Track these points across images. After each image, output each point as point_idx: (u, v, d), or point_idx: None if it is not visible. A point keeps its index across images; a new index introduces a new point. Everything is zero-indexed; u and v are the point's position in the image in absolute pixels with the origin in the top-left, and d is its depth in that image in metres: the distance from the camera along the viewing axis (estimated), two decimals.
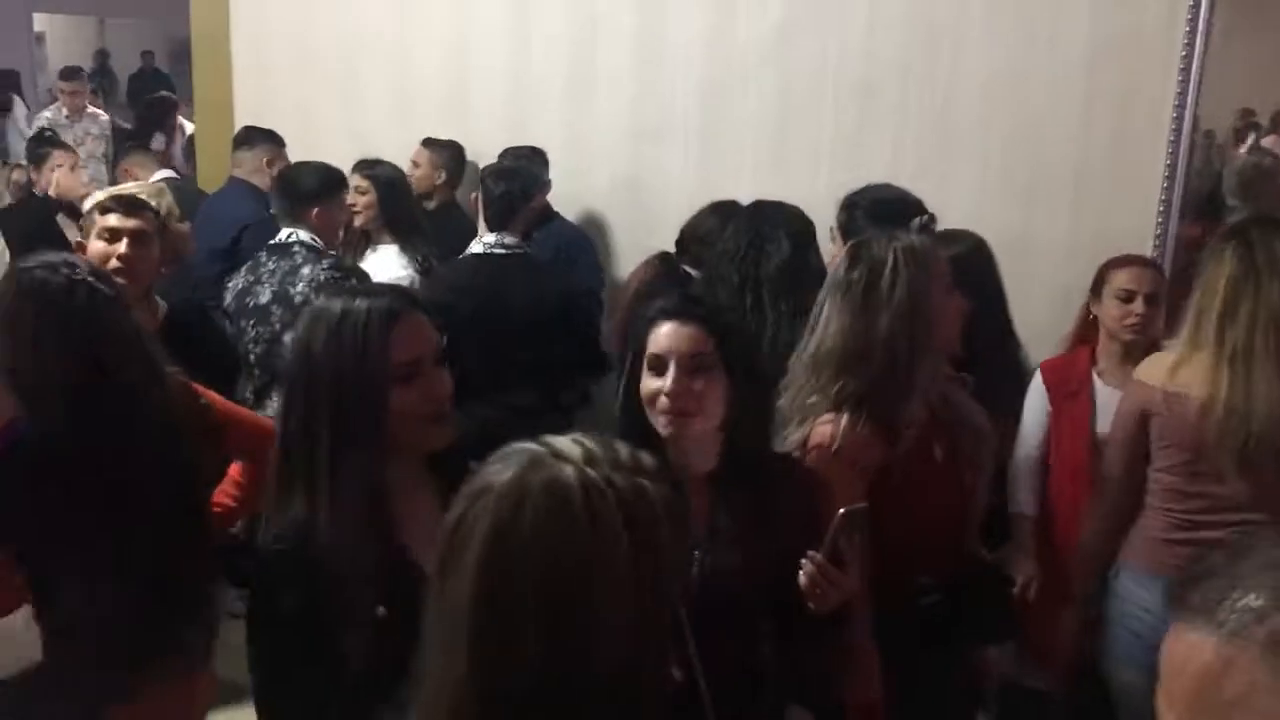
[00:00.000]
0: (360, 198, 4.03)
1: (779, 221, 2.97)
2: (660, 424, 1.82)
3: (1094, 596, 2.63)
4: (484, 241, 3.57)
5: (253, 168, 4.43)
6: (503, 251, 3.54)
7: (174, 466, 2.12)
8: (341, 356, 1.59)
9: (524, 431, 1.13)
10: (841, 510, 1.75)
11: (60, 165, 4.88)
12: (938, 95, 3.80)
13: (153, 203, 2.98)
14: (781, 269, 2.89)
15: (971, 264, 2.73)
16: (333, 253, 3.62)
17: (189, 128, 8.24)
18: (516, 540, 0.99)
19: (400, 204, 4.07)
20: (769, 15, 4.06)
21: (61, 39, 15.26)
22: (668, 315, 1.85)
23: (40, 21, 14.68)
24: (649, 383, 1.84)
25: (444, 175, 4.56)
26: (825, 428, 2.11)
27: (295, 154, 4.47)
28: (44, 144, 5.48)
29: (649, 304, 1.99)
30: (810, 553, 1.75)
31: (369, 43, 4.83)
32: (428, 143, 4.58)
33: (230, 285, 3.56)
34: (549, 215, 4.19)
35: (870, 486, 2.05)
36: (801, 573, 1.76)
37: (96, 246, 2.76)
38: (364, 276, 3.55)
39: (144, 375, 2.09)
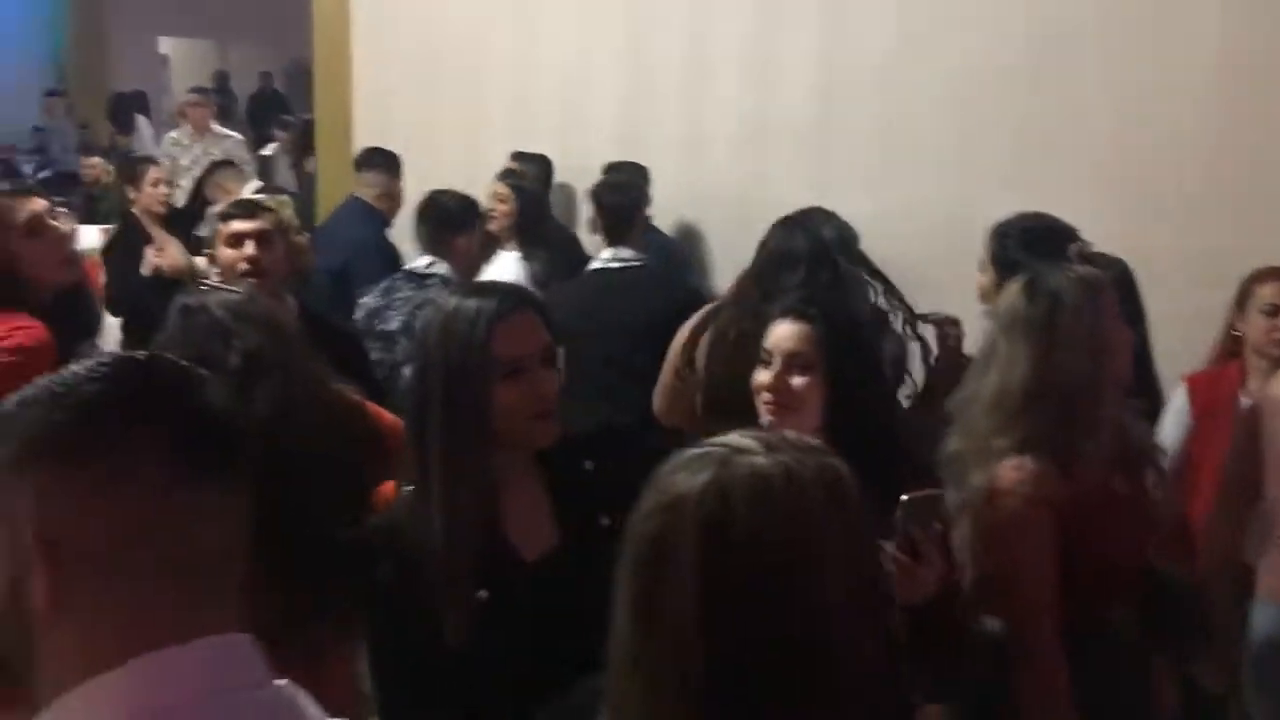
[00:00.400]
0: (500, 205, 4.10)
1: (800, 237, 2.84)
2: (762, 414, 1.96)
3: (1232, 628, 2.55)
4: (602, 256, 3.62)
5: (374, 189, 4.54)
6: (622, 265, 3.58)
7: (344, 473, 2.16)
8: (450, 350, 1.66)
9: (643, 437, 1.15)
10: (903, 497, 1.71)
11: (157, 181, 4.89)
12: (1059, 109, 3.71)
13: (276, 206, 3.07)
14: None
15: (1121, 289, 2.65)
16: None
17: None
18: (733, 535, 0.99)
19: (536, 216, 4.15)
20: (885, 26, 4.02)
21: (185, 61, 15.88)
22: (786, 312, 1.99)
23: (165, 45, 15.31)
24: (759, 375, 1.97)
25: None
26: (1012, 472, 2.03)
27: (414, 174, 4.57)
28: (138, 160, 5.51)
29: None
30: (884, 546, 1.72)
31: (489, 63, 4.93)
32: (517, 157, 4.66)
33: (362, 302, 3.62)
34: (647, 228, 4.22)
35: (1058, 526, 2.01)
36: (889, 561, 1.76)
37: (225, 254, 2.84)
38: None
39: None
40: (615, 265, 3.58)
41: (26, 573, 0.81)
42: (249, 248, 2.79)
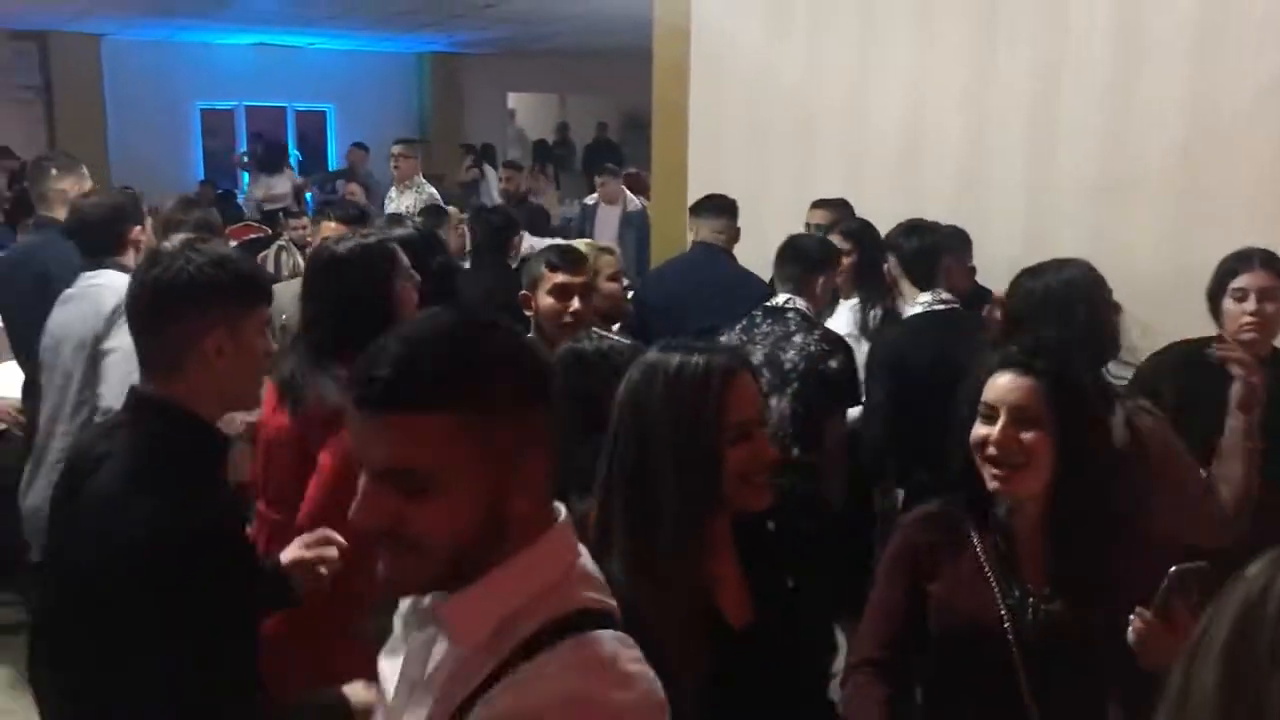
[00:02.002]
0: (844, 259, 4.11)
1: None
2: (986, 475, 1.87)
3: None
4: (920, 300, 3.58)
5: (719, 234, 4.61)
6: (943, 307, 3.54)
7: None
8: (680, 409, 1.59)
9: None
10: (1173, 569, 1.69)
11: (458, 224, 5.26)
12: None
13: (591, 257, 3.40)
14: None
15: None
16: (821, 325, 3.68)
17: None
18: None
19: (873, 264, 4.11)
20: (1262, 69, 3.66)
21: (529, 114, 17.03)
22: (1007, 364, 1.88)
23: (512, 99, 16.46)
24: (978, 429, 1.88)
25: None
26: None
27: (746, 219, 4.62)
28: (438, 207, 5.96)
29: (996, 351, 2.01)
30: (1139, 609, 1.73)
31: (821, 113, 4.92)
32: (819, 204, 4.60)
33: (723, 339, 3.66)
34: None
35: None
36: (1131, 629, 1.74)
37: (547, 302, 3.09)
38: (848, 349, 3.57)
39: None
40: (939, 308, 3.54)
41: (507, 491, 1.14)
42: (575, 302, 3.05)
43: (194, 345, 1.74)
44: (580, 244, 4.22)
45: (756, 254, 4.75)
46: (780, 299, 3.61)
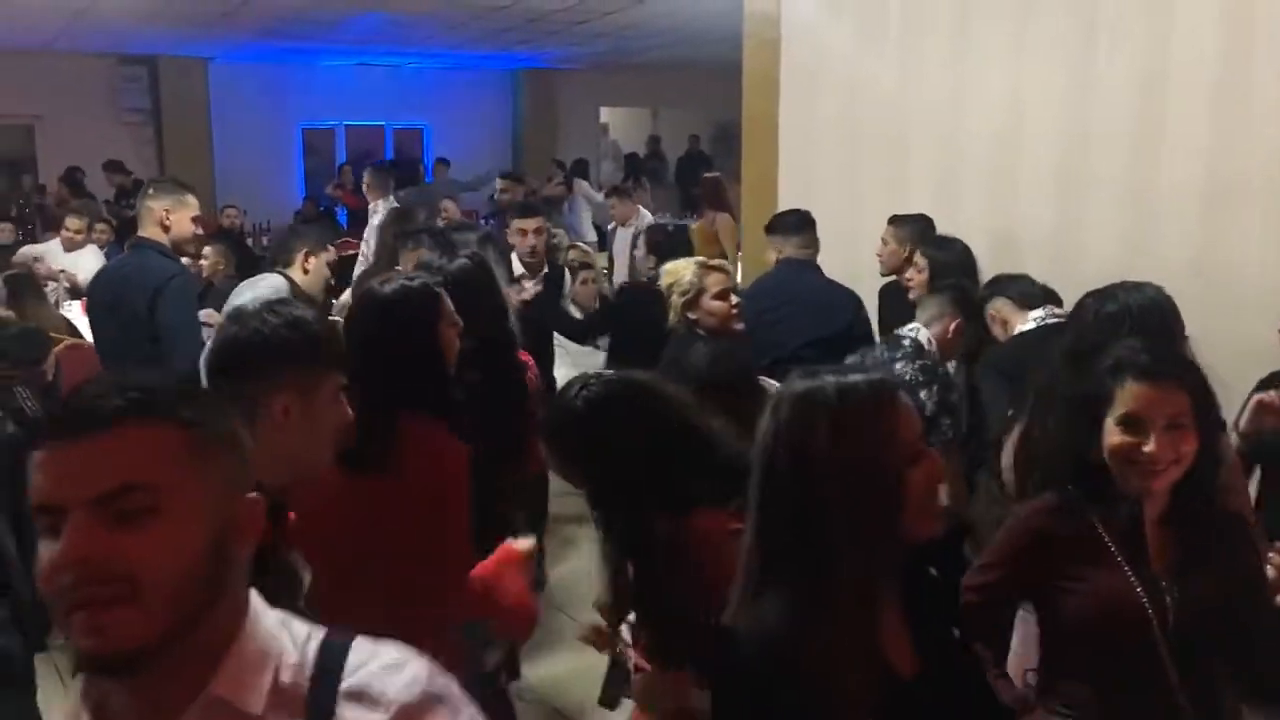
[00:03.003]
0: (917, 274, 4.08)
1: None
2: (1133, 478, 1.94)
3: None
4: (1033, 317, 3.54)
5: (807, 249, 4.55)
6: (1057, 321, 3.45)
7: None
8: (853, 434, 1.46)
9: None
10: None
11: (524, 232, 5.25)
12: None
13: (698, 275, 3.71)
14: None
15: None
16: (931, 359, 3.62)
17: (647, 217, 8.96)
18: None
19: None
20: None
21: (621, 128, 17.11)
22: (1143, 374, 1.95)
23: (605, 114, 16.57)
24: (1122, 438, 1.94)
25: (908, 250, 4.43)
26: None
27: (837, 232, 4.56)
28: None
29: (1111, 353, 2.04)
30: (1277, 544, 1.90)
31: (916, 125, 4.83)
32: (894, 220, 4.51)
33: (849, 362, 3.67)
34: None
35: None
36: (1269, 565, 1.97)
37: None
38: (947, 385, 3.49)
39: None
40: (1054, 321, 3.46)
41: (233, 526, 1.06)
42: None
43: (262, 406, 1.73)
44: (689, 262, 4.19)
45: (847, 267, 4.68)
46: (908, 327, 3.58)
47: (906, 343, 3.51)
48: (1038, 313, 3.55)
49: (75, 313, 6.94)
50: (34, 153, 12.68)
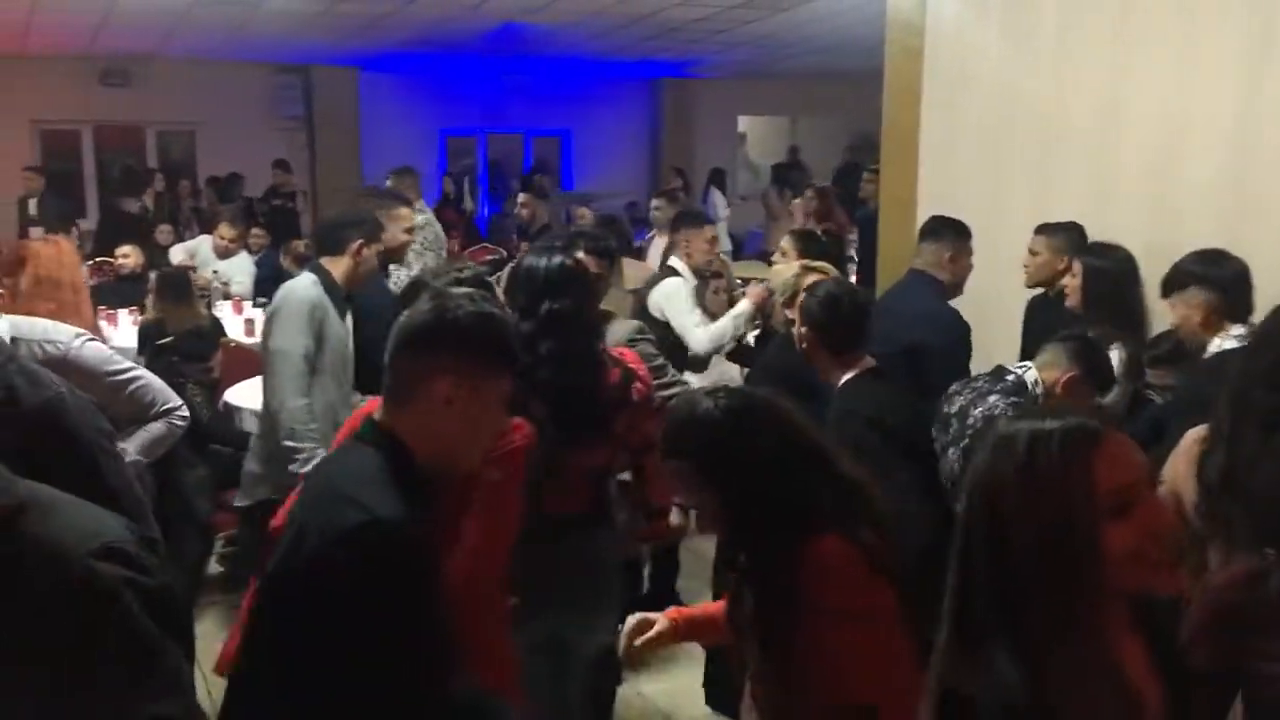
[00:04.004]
0: (1072, 280, 3.89)
1: None
2: None
3: None
4: (1234, 334, 3.28)
5: (933, 260, 4.40)
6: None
7: None
8: (1040, 485, 1.38)
9: None
10: None
11: None
12: None
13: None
14: None
15: None
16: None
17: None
18: None
19: (1115, 295, 3.83)
20: None
21: (759, 137, 17.01)
22: None
23: (742, 123, 16.49)
24: None
25: (1065, 261, 4.19)
26: None
27: (980, 248, 4.38)
28: None
29: None
30: None
31: (1064, 136, 4.61)
32: (1045, 229, 4.25)
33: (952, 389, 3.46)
34: None
35: None
36: None
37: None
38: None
39: None
40: (1233, 344, 3.23)
41: None
42: None
43: (427, 385, 1.79)
44: (794, 264, 4.12)
45: (992, 283, 4.50)
46: (1020, 365, 3.40)
47: (1010, 378, 3.28)
48: (1239, 329, 3.22)
49: (227, 314, 7.23)
50: (194, 158, 13.28)
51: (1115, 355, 3.67)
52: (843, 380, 3.21)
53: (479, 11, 9.37)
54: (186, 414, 3.24)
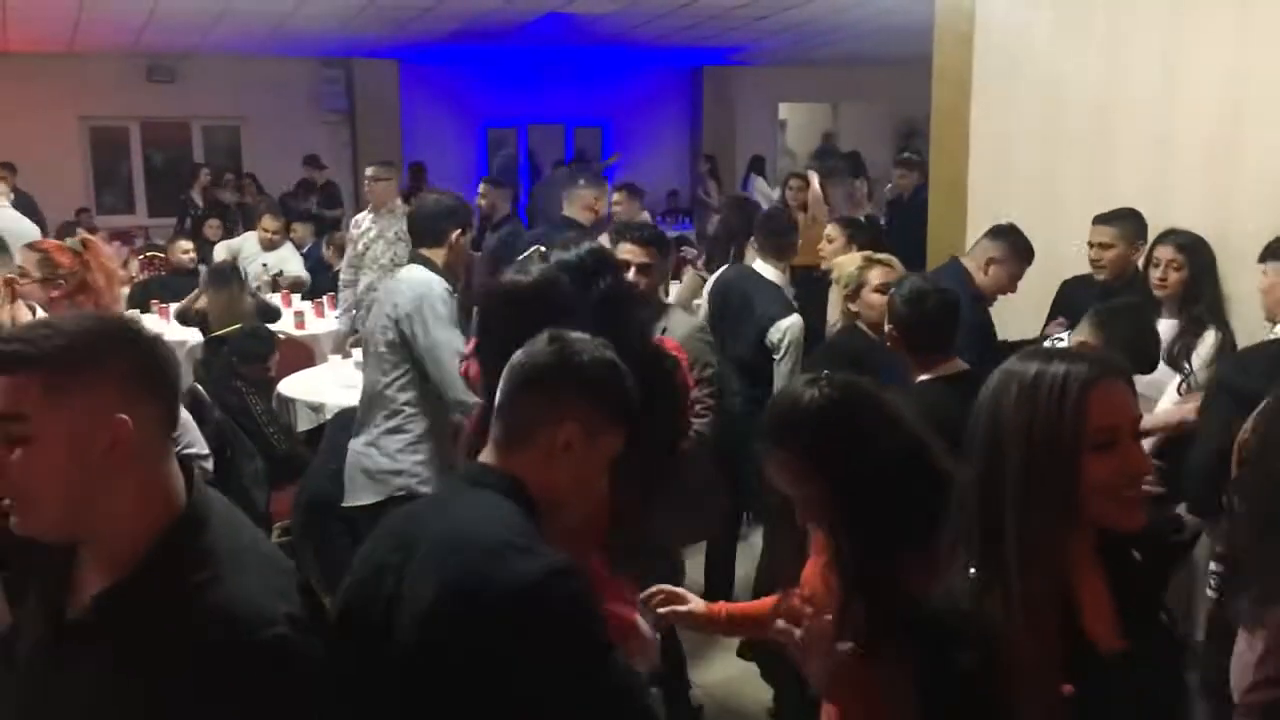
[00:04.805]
0: (1173, 272, 3.82)
1: None
2: None
3: None
4: None
5: (977, 257, 4.32)
6: None
7: None
8: (1033, 415, 1.50)
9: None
10: None
11: None
12: None
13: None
14: None
15: None
16: None
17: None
18: None
19: (1207, 279, 3.80)
20: None
21: (800, 124, 16.91)
22: None
23: (783, 110, 16.39)
24: None
25: (1138, 248, 4.13)
26: None
27: (1032, 237, 4.32)
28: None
29: None
30: None
31: (1121, 122, 4.54)
32: (1106, 219, 4.19)
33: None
34: None
35: None
36: None
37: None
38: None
39: None
40: None
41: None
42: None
43: (549, 429, 1.74)
44: (856, 256, 4.09)
45: (1046, 274, 4.44)
46: (1056, 335, 3.37)
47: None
48: None
49: (276, 304, 7.33)
50: (239, 154, 13.41)
51: (1209, 339, 3.65)
52: (916, 381, 3.10)
53: (520, 1, 9.38)
54: (210, 467, 3.30)
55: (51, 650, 1.45)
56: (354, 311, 6.56)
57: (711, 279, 5.25)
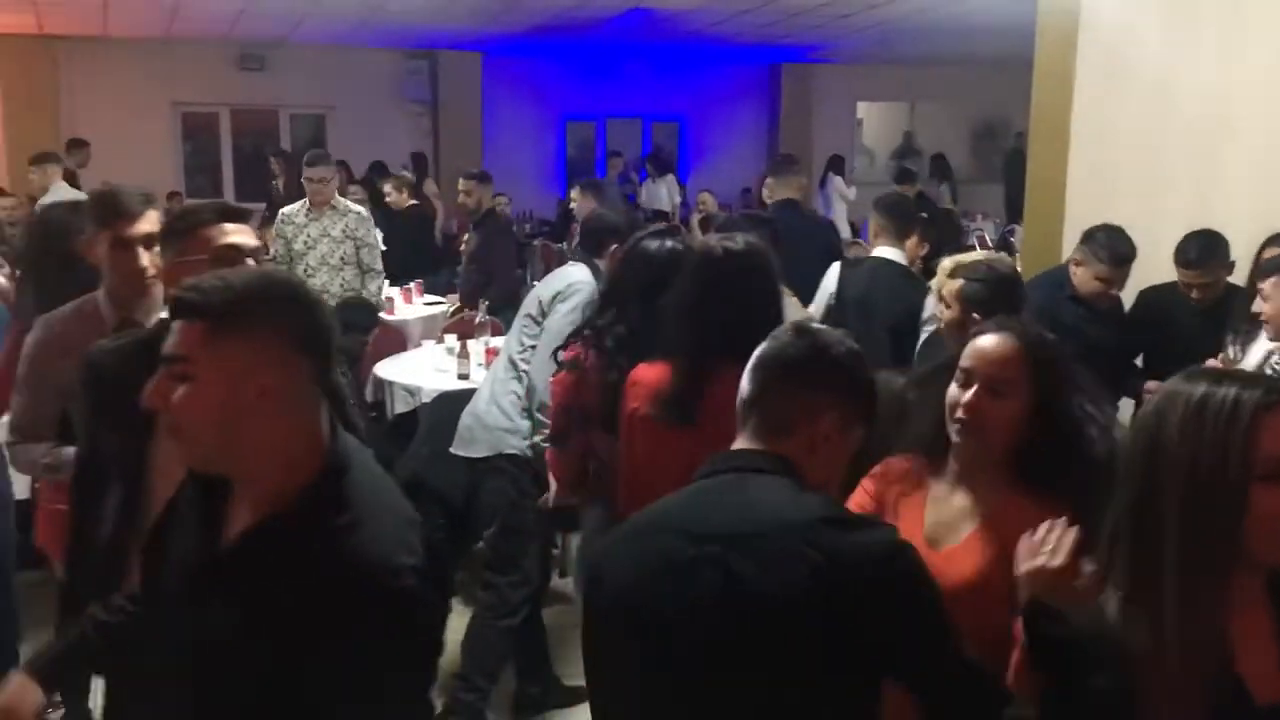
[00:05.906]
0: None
1: None
2: None
3: None
4: None
5: (1073, 256, 4.29)
6: None
7: None
8: (1198, 440, 1.41)
9: None
10: None
11: None
12: None
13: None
14: None
15: None
16: None
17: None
18: None
19: None
20: None
21: (877, 123, 16.79)
22: None
23: (860, 109, 16.30)
24: None
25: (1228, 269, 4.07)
26: None
27: (1137, 239, 4.28)
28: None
29: None
30: None
31: (1235, 119, 4.49)
32: (1196, 264, 4.11)
33: None
34: None
35: None
36: None
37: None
38: None
39: None
40: None
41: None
42: None
43: (811, 418, 1.78)
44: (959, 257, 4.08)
45: (1145, 276, 4.40)
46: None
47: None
48: None
49: None
50: (324, 143, 13.64)
51: None
52: None
53: None
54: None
55: (197, 584, 1.55)
56: None
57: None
